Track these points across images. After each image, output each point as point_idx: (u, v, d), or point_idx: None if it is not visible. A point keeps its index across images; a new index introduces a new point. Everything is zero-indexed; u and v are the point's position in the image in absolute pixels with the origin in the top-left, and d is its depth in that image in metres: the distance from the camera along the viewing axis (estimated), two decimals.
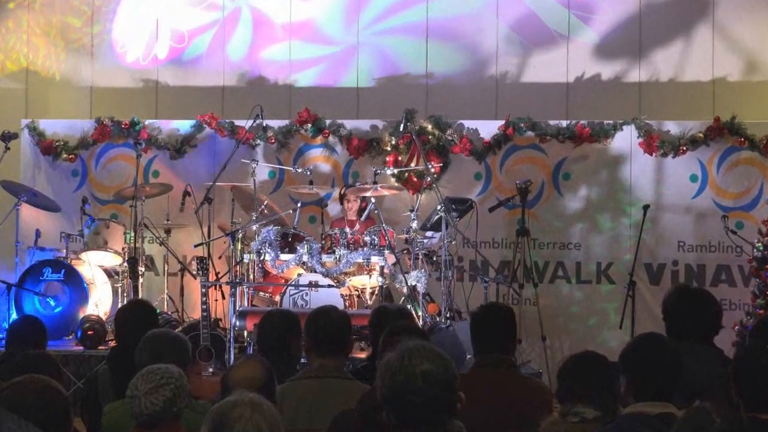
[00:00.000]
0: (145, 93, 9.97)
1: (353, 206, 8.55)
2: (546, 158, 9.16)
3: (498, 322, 4.27)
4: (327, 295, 7.55)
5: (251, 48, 9.92)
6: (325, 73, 9.87)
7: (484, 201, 8.95)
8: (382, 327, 4.60)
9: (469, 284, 8.63)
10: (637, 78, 9.55)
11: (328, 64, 9.88)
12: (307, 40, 9.85)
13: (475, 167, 9.21)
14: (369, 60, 9.80)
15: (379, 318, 4.90)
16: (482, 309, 4.42)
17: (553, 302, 9.01)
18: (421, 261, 7.92)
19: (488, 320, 4.28)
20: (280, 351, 4.36)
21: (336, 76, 9.86)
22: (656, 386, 3.47)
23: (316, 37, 9.84)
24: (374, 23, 9.82)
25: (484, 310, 4.39)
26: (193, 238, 8.88)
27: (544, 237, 9.11)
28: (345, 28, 9.81)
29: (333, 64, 9.87)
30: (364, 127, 9.34)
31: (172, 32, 9.91)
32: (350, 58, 9.81)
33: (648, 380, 3.46)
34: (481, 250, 8.77)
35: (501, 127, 9.14)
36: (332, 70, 9.87)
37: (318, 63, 9.89)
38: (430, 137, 9.15)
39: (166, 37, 9.89)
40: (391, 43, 9.80)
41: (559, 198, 9.15)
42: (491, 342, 4.22)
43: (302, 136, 9.37)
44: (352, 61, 9.82)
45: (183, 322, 8.27)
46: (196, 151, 9.42)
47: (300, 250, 7.75)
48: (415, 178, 9.18)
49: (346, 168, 9.34)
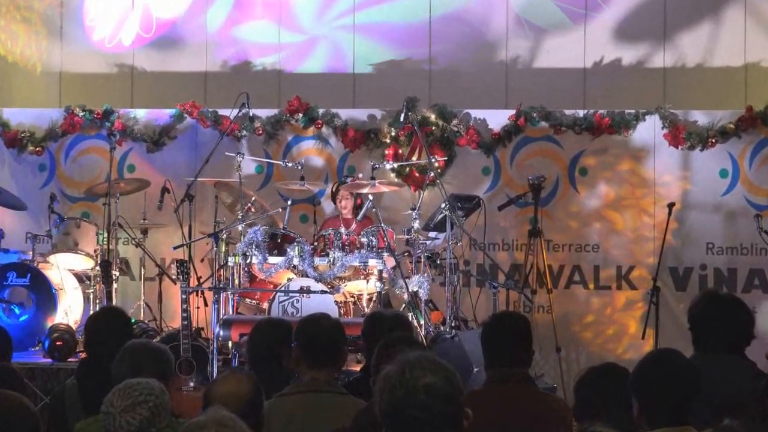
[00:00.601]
0: (119, 79, 9.97)
1: (348, 204, 8.55)
2: (561, 151, 9.17)
3: (512, 333, 4.25)
4: (320, 301, 7.53)
5: (236, 30, 9.92)
6: (318, 57, 9.87)
7: (492, 198, 8.96)
8: (376, 336, 4.61)
9: (477, 290, 8.64)
10: (662, 63, 9.56)
11: (321, 47, 9.88)
12: (299, 20, 9.85)
13: (482, 161, 9.21)
14: (366, 43, 9.80)
15: (372, 326, 4.90)
16: (494, 318, 4.42)
17: (569, 310, 9.02)
18: (423, 264, 7.92)
19: (502, 331, 4.27)
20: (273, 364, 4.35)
21: (330, 60, 9.86)
22: (667, 412, 3.45)
23: (309, 17, 9.84)
24: (372, 2, 9.82)
25: (497, 320, 4.39)
26: (173, 239, 8.88)
27: (558, 238, 9.12)
28: (340, 9, 9.81)
29: (326, 47, 9.87)
30: (361, 116, 9.34)
31: (149, 12, 9.91)
32: (346, 40, 9.82)
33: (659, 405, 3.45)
34: (489, 252, 8.77)
35: (511, 117, 9.14)
36: (326, 54, 9.87)
37: (310, 46, 9.88)
38: (434, 128, 9.15)
39: (143, 18, 9.90)
40: (391, 25, 9.80)
41: (575, 195, 9.16)
42: (505, 355, 4.21)
43: (293, 127, 9.37)
44: (348, 45, 9.82)
45: (161, 332, 8.26)
46: (176, 144, 9.42)
47: (290, 252, 7.75)
48: (416, 174, 9.18)
49: (341, 162, 9.34)
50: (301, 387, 4.14)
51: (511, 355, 4.21)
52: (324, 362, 4.16)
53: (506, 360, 4.21)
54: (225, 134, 8.86)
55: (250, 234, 7.82)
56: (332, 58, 9.86)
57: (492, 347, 4.27)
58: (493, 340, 4.28)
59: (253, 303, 8.15)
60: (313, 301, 7.59)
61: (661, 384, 3.46)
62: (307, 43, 9.89)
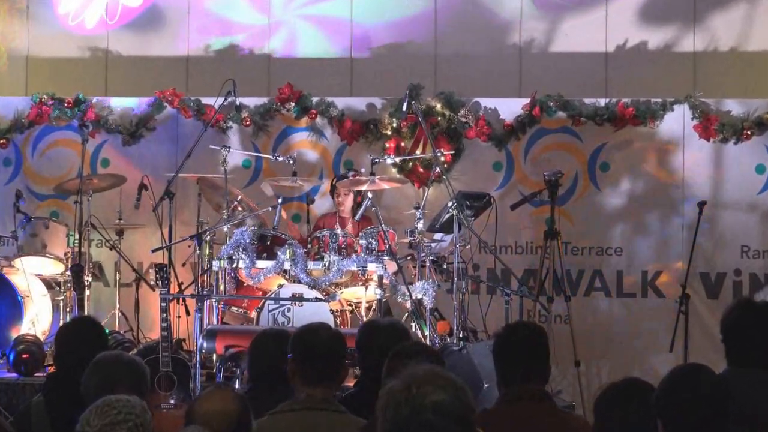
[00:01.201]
0: (92, 64, 9.96)
1: (347, 201, 8.55)
2: (580, 144, 9.16)
3: (527, 345, 4.26)
4: (314, 310, 7.52)
5: (221, 9, 9.92)
6: (312, 40, 9.86)
7: (504, 196, 8.96)
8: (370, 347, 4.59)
9: (487, 297, 8.63)
10: (691, 47, 9.56)
11: (315, 29, 9.88)
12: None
13: (494, 155, 9.21)
14: (365, 25, 9.79)
15: (367, 336, 4.89)
16: (507, 329, 4.42)
17: (589, 320, 9.02)
18: (428, 269, 7.91)
19: (515, 343, 4.27)
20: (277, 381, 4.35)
21: (325, 44, 9.86)
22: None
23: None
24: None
25: (510, 331, 4.38)
26: (151, 242, 8.88)
27: (578, 240, 9.11)
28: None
29: (322, 28, 9.87)
30: (360, 106, 9.33)
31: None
32: (343, 22, 9.81)
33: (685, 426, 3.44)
34: (501, 256, 8.75)
35: (526, 106, 9.14)
36: (321, 36, 9.87)
37: (303, 28, 9.88)
38: (440, 119, 9.14)
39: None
40: (393, 5, 9.80)
41: (596, 193, 9.15)
42: (519, 369, 4.21)
43: (284, 117, 9.36)
44: (345, 27, 9.82)
45: (138, 344, 8.25)
46: (155, 136, 9.42)
47: (281, 255, 7.74)
48: (421, 169, 9.18)
49: (338, 156, 9.34)
50: (295, 404, 4.12)
51: (525, 370, 4.21)
52: (322, 377, 4.15)
53: (520, 375, 4.20)
54: (209, 125, 8.85)
55: (236, 235, 7.81)
56: (328, 41, 9.86)
57: (504, 361, 4.27)
58: (505, 353, 4.27)
59: (240, 312, 8.15)
60: (306, 310, 7.58)
61: (687, 402, 3.46)
62: (300, 24, 9.88)
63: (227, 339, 6.99)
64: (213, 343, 7.11)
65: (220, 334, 7.18)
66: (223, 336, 7.13)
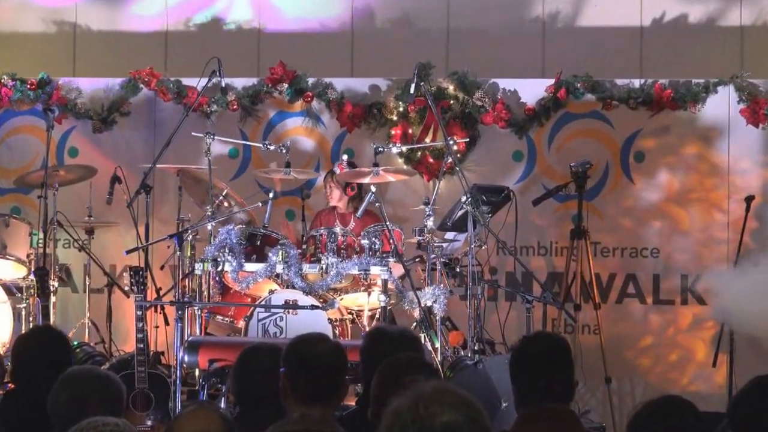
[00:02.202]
0: (58, 40, 9.97)
1: (335, 194, 8.56)
2: (612, 131, 9.17)
3: (550, 359, 4.26)
4: (310, 319, 7.53)
5: None
6: (307, 12, 9.87)
7: (526, 190, 8.98)
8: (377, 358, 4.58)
9: (506, 305, 8.63)
10: (738, 21, 9.55)
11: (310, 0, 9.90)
12: None
13: (513, 143, 9.22)
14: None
15: (373, 345, 4.89)
16: (527, 341, 4.42)
17: (622, 330, 9.02)
18: (439, 273, 7.92)
19: (536, 356, 4.28)
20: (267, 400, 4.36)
21: (322, 17, 9.87)
22: None
23: None
24: None
25: (530, 343, 4.39)
26: (125, 242, 8.89)
27: (608, 240, 9.11)
28: None
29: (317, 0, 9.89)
30: (361, 87, 9.34)
31: None
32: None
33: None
34: (521, 257, 8.78)
35: (550, 88, 9.14)
36: (317, 8, 9.87)
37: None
38: (452, 102, 9.16)
39: None
40: None
41: (629, 186, 9.16)
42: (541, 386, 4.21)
43: (275, 101, 9.38)
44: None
45: (111, 357, 8.26)
46: (129, 121, 9.43)
47: (272, 257, 7.74)
48: (430, 159, 9.20)
49: (336, 144, 9.35)
50: (288, 426, 4.10)
51: (548, 387, 4.20)
52: (319, 395, 4.15)
53: (541, 393, 4.20)
54: (191, 109, 8.85)
55: (222, 235, 7.80)
56: (325, 14, 9.86)
57: (523, 377, 4.27)
58: (524, 368, 4.28)
59: (225, 321, 8.15)
60: (301, 319, 7.58)
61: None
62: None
63: (211, 352, 6.99)
64: (195, 356, 7.12)
65: (203, 347, 7.19)
66: (207, 348, 7.13)
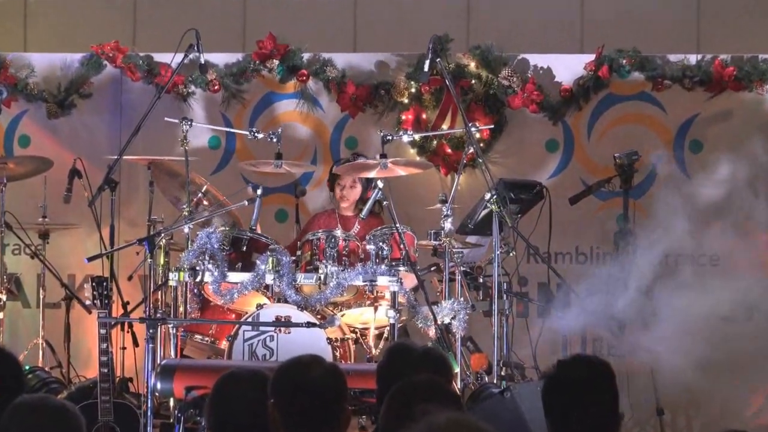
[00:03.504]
0: (7, 10, 9.97)
1: (350, 194, 8.56)
2: (663, 116, 9.19)
3: (589, 387, 4.29)
4: (305, 339, 7.53)
5: None
6: None
7: (561, 186, 8.99)
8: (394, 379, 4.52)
9: (538, 322, 8.62)
10: None
11: None
12: None
13: (547, 131, 9.24)
14: None
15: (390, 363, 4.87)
16: (563, 366, 4.41)
17: (675, 350, 9.00)
18: (459, 284, 7.91)
19: (573, 385, 4.30)
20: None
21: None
22: None
23: None
24: None
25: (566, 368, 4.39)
26: (87, 247, 8.91)
27: (660, 245, 9.11)
28: None
29: None
30: (366, 64, 9.36)
31: None
32: None
33: None
34: (556, 266, 8.77)
35: (589, 65, 9.16)
36: None
37: None
38: (474, 82, 9.16)
39: None
40: None
41: (684, 181, 9.16)
42: (578, 418, 4.22)
43: (264, 80, 9.39)
44: None
45: (69, 384, 8.25)
46: (91, 105, 9.45)
47: (261, 266, 7.74)
48: (448, 149, 9.21)
49: (337, 132, 9.38)
50: None
51: (586, 420, 4.22)
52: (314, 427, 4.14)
53: (580, 426, 4.21)
54: (164, 90, 8.84)
55: (201, 239, 7.79)
56: None
57: (557, 408, 4.28)
58: (558, 398, 4.28)
59: (205, 341, 8.14)
60: (295, 339, 7.59)
61: None
62: None
63: (189, 378, 6.99)
64: (170, 383, 7.11)
65: (179, 372, 7.18)
66: (184, 374, 7.13)
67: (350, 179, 8.48)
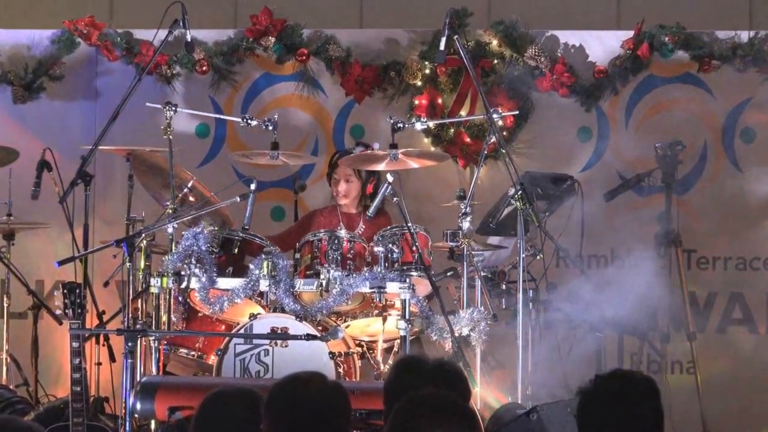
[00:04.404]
0: None
1: (351, 189, 8.54)
2: (711, 101, 9.20)
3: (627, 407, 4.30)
4: (305, 353, 7.55)
5: None
6: None
7: (595, 180, 9.01)
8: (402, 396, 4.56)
9: (570, 335, 8.61)
10: None
11: None
12: None
13: (578, 118, 9.26)
14: None
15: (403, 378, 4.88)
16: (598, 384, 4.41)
17: (726, 367, 9.01)
18: (478, 291, 7.92)
19: (610, 404, 4.32)
20: None
21: None
22: None
23: None
24: None
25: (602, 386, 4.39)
26: (57, 249, 8.95)
27: (708, 248, 9.14)
28: None
29: None
30: (374, 42, 9.39)
31: None
32: None
33: None
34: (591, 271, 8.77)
35: (627, 42, 9.16)
36: None
37: None
38: (497, 62, 9.18)
39: None
40: None
41: (735, 176, 9.18)
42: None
43: (259, 60, 9.42)
44: None
45: (37, 405, 8.26)
46: (63, 88, 9.48)
47: (255, 270, 7.73)
48: (467, 138, 9.22)
49: (341, 118, 9.41)
50: None
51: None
52: None
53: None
54: (145, 72, 8.83)
55: (187, 240, 7.79)
56: None
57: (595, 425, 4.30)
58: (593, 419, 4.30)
59: (191, 356, 8.14)
60: (293, 353, 7.61)
61: None
62: None
63: (172, 397, 6.96)
64: (151, 403, 7.08)
65: (161, 391, 7.15)
66: (167, 393, 7.09)
67: (343, 172, 8.46)
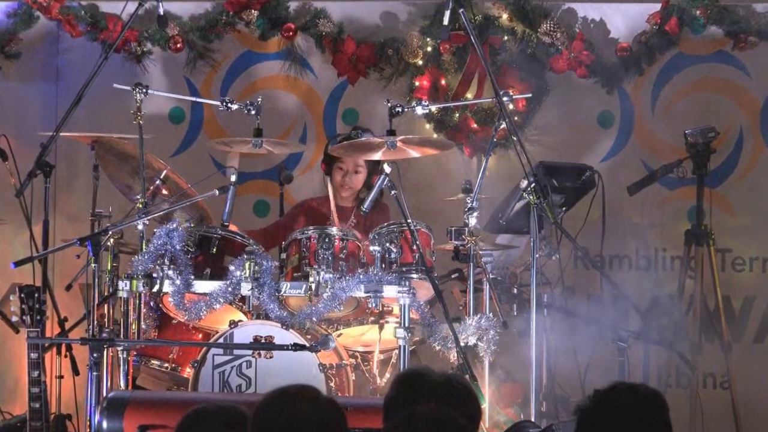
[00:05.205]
0: None
1: (354, 181, 8.55)
2: (748, 82, 9.23)
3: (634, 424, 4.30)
4: (292, 365, 7.58)
5: None
6: None
7: (617, 171, 9.02)
8: None
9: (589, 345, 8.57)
10: None
11: None
12: None
13: (599, 101, 9.29)
14: None
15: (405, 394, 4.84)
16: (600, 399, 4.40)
17: (765, 382, 9.02)
18: (487, 295, 7.93)
19: (614, 421, 4.32)
20: None
21: None
22: None
23: None
24: None
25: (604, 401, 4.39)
26: (15, 250, 8.99)
27: (743, 247, 9.18)
28: None
29: None
30: (369, 16, 9.43)
31: None
32: None
33: None
34: (612, 273, 8.80)
35: (654, 16, 9.18)
36: None
37: None
38: (507, 38, 9.19)
39: None
40: None
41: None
42: None
43: (240, 36, 9.45)
44: None
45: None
46: (21, 68, 9.51)
47: (236, 272, 7.74)
48: (474, 124, 9.22)
49: (332, 102, 9.44)
50: None
51: None
52: None
53: None
54: (112, 49, 8.81)
55: (159, 238, 7.79)
56: None
57: None
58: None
59: (165, 368, 8.16)
60: (278, 365, 7.64)
61: None
62: None
63: (143, 414, 6.94)
64: (119, 421, 7.08)
65: (130, 407, 7.14)
66: (136, 409, 7.07)
67: (353, 162, 8.46)
